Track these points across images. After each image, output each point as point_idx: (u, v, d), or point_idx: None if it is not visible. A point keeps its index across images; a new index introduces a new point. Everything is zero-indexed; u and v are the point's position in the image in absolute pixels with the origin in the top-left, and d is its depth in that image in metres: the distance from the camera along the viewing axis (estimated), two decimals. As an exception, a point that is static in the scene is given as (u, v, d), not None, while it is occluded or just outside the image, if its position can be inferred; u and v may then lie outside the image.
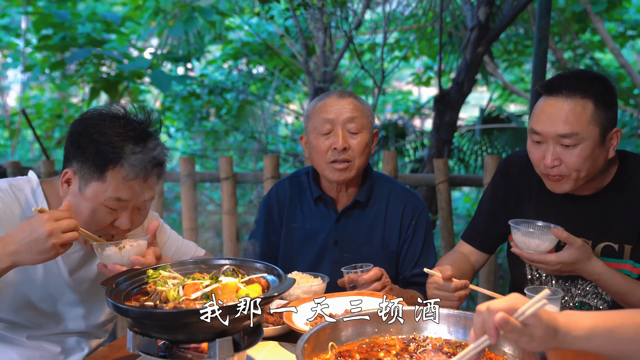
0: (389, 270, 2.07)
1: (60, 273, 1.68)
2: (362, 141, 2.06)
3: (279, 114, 8.22)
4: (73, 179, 1.58)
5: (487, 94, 8.11)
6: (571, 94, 1.71)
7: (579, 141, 1.69)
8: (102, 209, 1.56)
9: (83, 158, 1.55)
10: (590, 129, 1.69)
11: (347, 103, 2.06)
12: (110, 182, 1.54)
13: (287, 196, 2.21)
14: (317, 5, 4.83)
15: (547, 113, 1.73)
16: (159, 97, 7.93)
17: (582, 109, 1.69)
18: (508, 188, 2.00)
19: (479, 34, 4.18)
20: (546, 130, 1.72)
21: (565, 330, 1.04)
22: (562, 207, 1.86)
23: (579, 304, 1.87)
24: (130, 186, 1.56)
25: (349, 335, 1.32)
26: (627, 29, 6.56)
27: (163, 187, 3.88)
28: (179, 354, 1.30)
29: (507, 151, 5.56)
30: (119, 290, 1.35)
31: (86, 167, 1.55)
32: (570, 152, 1.71)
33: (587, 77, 1.74)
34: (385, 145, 5.97)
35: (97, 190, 1.55)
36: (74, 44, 5.04)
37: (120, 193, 1.55)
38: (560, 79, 1.75)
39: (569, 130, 1.69)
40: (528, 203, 1.93)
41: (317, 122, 2.07)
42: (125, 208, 1.59)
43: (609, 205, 1.82)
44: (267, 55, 7.03)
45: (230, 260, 1.49)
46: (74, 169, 1.57)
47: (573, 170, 1.72)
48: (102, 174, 1.54)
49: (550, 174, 1.76)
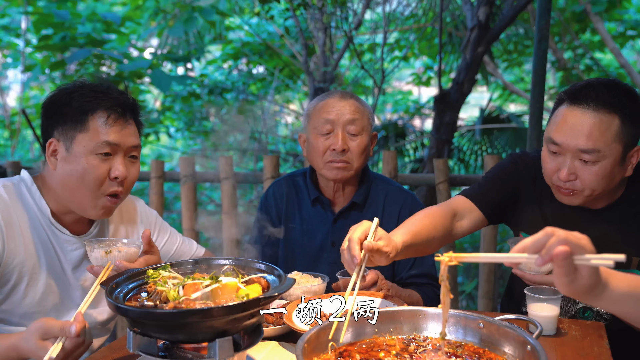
0: (386, 271, 2.07)
1: (62, 271, 1.69)
2: (362, 143, 2.06)
3: (279, 114, 8.22)
4: (58, 145, 1.62)
5: (487, 94, 8.11)
6: (599, 108, 1.58)
7: (600, 158, 1.59)
8: (94, 159, 1.60)
9: (62, 121, 1.61)
10: (613, 147, 1.58)
11: (349, 104, 2.06)
12: (93, 128, 1.60)
13: (284, 197, 2.21)
14: (317, 5, 4.83)
15: (570, 124, 1.60)
16: (159, 97, 7.93)
17: (608, 125, 1.57)
18: (519, 182, 1.88)
19: (479, 34, 4.18)
20: (566, 142, 1.61)
21: (602, 287, 1.06)
22: (572, 219, 1.75)
23: (582, 309, 1.85)
24: (114, 130, 1.61)
25: (349, 335, 1.32)
26: (627, 29, 6.56)
27: (163, 187, 3.88)
28: (179, 354, 1.30)
29: (507, 151, 5.56)
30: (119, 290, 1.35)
31: (67, 127, 1.60)
32: (588, 168, 1.60)
33: (617, 89, 1.61)
34: (385, 145, 5.97)
35: (83, 141, 1.59)
36: (74, 44, 5.04)
37: (105, 136, 1.60)
38: (588, 88, 1.61)
39: (591, 146, 1.57)
40: (533, 209, 1.85)
41: (317, 122, 2.07)
42: (116, 153, 1.63)
43: (619, 218, 1.73)
44: (267, 55, 7.03)
45: (230, 260, 1.49)
46: (56, 137, 1.62)
47: (587, 187, 1.63)
48: (83, 124, 1.59)
49: (562, 187, 1.66)
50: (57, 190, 1.65)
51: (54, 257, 1.68)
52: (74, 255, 1.71)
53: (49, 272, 1.67)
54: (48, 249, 1.67)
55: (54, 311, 1.71)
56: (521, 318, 1.48)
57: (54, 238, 1.68)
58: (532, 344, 1.14)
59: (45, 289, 1.67)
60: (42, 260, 1.66)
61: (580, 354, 1.48)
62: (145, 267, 1.47)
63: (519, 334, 1.20)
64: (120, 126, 1.63)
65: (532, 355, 1.14)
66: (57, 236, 1.69)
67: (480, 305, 3.33)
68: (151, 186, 3.86)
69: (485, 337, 1.28)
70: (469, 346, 1.29)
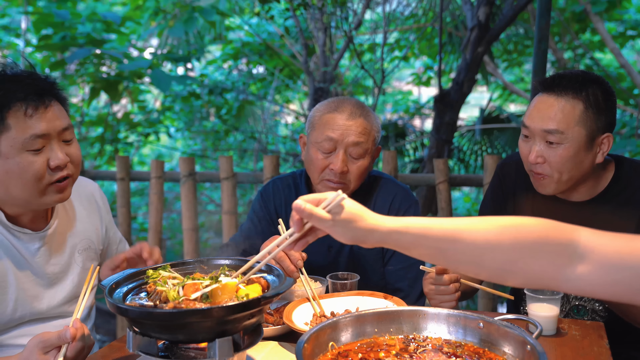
0: (379, 267, 2.07)
1: (31, 268, 1.66)
2: (362, 166, 1.99)
3: (279, 114, 8.21)
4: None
5: (487, 94, 8.11)
6: (563, 93, 1.72)
7: (563, 140, 1.70)
8: (27, 156, 1.50)
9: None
10: (576, 130, 1.70)
11: (356, 125, 1.95)
12: (14, 125, 1.47)
13: (283, 195, 2.17)
14: (317, 5, 4.83)
15: (538, 108, 1.75)
16: (159, 97, 7.93)
17: (571, 109, 1.70)
18: (506, 191, 2.00)
19: (479, 34, 4.18)
20: (534, 125, 1.74)
21: (373, 223, 1.09)
22: (555, 213, 1.83)
23: (576, 309, 1.87)
24: (36, 119, 1.49)
25: (349, 335, 1.32)
26: (627, 29, 6.55)
27: (163, 187, 3.88)
28: (181, 352, 1.30)
29: (507, 151, 5.57)
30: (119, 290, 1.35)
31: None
32: (553, 150, 1.72)
33: (583, 78, 1.74)
34: (385, 145, 5.97)
35: (8, 140, 1.48)
36: (74, 44, 5.03)
37: (31, 130, 1.48)
38: (556, 77, 1.76)
39: (554, 127, 1.70)
40: (525, 206, 1.93)
41: (319, 137, 1.97)
42: (48, 142, 1.53)
43: (603, 212, 1.80)
44: (267, 55, 7.03)
45: (230, 261, 1.49)
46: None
47: (555, 170, 1.74)
48: (3, 123, 1.47)
49: (534, 170, 1.78)
50: (1, 194, 1.56)
51: (19, 258, 1.64)
52: (41, 251, 1.68)
53: (17, 274, 1.63)
54: (11, 252, 1.63)
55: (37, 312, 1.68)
56: (521, 318, 1.48)
57: (15, 240, 1.63)
58: (532, 344, 1.14)
59: (17, 294, 1.63)
60: (6, 263, 1.61)
61: (580, 354, 1.48)
62: (145, 267, 1.47)
63: (519, 334, 1.20)
64: (42, 113, 1.50)
65: (532, 355, 1.14)
66: (17, 236, 1.63)
67: (480, 305, 3.33)
68: (151, 186, 3.86)
69: (485, 337, 1.28)
70: (469, 346, 1.29)
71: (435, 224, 1.09)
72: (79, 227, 1.81)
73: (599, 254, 1.04)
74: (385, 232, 1.09)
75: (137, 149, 8.09)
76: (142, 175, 4.05)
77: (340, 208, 1.08)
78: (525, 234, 1.08)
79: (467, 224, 1.10)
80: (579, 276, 1.05)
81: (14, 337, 1.66)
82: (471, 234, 1.08)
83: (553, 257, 1.06)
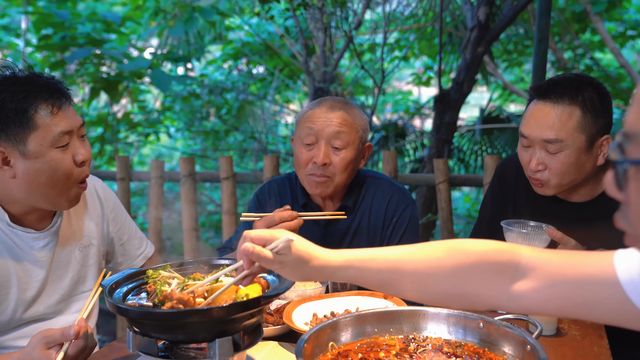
0: None
1: (34, 267, 1.67)
2: (345, 158, 1.97)
3: (279, 114, 8.21)
4: (7, 152, 1.51)
5: (487, 94, 8.11)
6: (559, 99, 1.71)
7: (563, 148, 1.70)
8: (57, 153, 1.54)
9: (2, 127, 1.50)
10: (576, 136, 1.69)
11: (336, 117, 1.97)
12: (42, 124, 1.51)
13: (279, 197, 2.16)
14: (317, 5, 4.83)
15: (535, 117, 1.74)
16: (159, 97, 7.93)
17: (569, 116, 1.69)
18: (506, 191, 2.00)
19: (479, 34, 4.18)
20: (532, 134, 1.73)
21: (322, 261, 1.12)
22: (556, 213, 1.86)
23: None
24: (61, 117, 1.55)
25: (349, 335, 1.32)
26: (627, 29, 6.55)
27: (163, 187, 3.88)
28: (181, 352, 1.30)
29: (507, 151, 5.56)
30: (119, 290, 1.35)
31: (12, 131, 1.50)
32: (554, 157, 1.72)
33: (577, 82, 1.73)
34: (385, 145, 5.96)
35: (37, 139, 1.51)
36: (74, 44, 5.03)
37: (58, 127, 1.53)
38: (550, 84, 1.75)
39: (554, 137, 1.69)
40: (525, 207, 1.94)
41: (302, 132, 2.00)
42: (72, 138, 1.58)
43: (603, 213, 1.78)
44: (267, 55, 7.03)
45: (230, 260, 1.49)
46: (2, 145, 1.51)
47: (556, 176, 1.73)
48: (28, 123, 1.50)
49: (533, 177, 1.78)
50: (20, 194, 1.56)
51: (22, 258, 1.64)
52: (45, 250, 1.68)
53: (19, 275, 1.64)
54: (15, 253, 1.63)
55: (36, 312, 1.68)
56: (521, 318, 1.48)
57: (19, 240, 1.63)
58: (532, 344, 1.14)
59: (18, 295, 1.63)
60: (10, 265, 1.62)
61: (580, 354, 1.48)
62: (145, 267, 1.47)
63: (519, 334, 1.20)
64: (64, 111, 1.57)
65: (532, 355, 1.14)
66: (21, 237, 1.63)
67: (480, 305, 3.32)
68: (151, 186, 3.86)
69: (485, 337, 1.28)
70: (469, 346, 1.29)
71: (378, 255, 1.13)
72: (79, 224, 1.81)
73: (541, 270, 1.05)
74: (332, 269, 1.13)
75: (137, 149, 8.09)
76: (142, 175, 4.05)
77: (288, 250, 1.11)
78: (464, 257, 1.09)
79: (409, 253, 1.12)
80: (523, 294, 1.06)
81: (14, 338, 1.66)
82: (412, 263, 1.11)
83: (494, 277, 1.07)
